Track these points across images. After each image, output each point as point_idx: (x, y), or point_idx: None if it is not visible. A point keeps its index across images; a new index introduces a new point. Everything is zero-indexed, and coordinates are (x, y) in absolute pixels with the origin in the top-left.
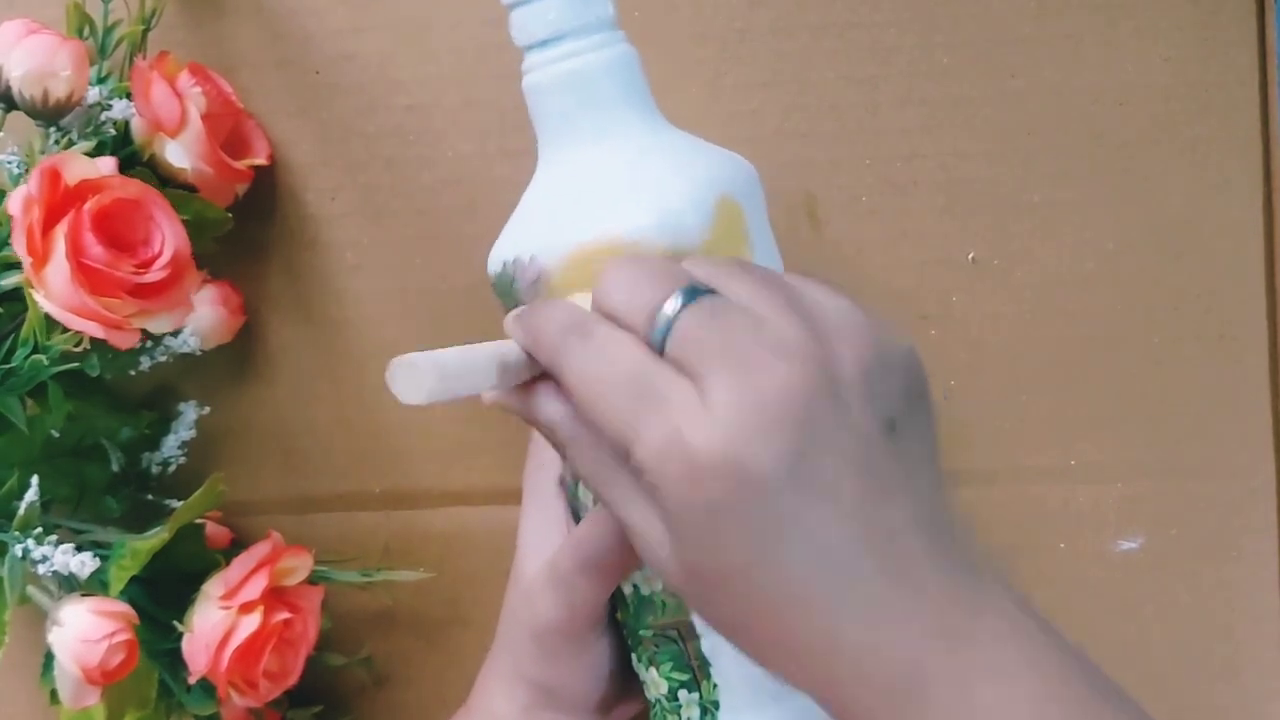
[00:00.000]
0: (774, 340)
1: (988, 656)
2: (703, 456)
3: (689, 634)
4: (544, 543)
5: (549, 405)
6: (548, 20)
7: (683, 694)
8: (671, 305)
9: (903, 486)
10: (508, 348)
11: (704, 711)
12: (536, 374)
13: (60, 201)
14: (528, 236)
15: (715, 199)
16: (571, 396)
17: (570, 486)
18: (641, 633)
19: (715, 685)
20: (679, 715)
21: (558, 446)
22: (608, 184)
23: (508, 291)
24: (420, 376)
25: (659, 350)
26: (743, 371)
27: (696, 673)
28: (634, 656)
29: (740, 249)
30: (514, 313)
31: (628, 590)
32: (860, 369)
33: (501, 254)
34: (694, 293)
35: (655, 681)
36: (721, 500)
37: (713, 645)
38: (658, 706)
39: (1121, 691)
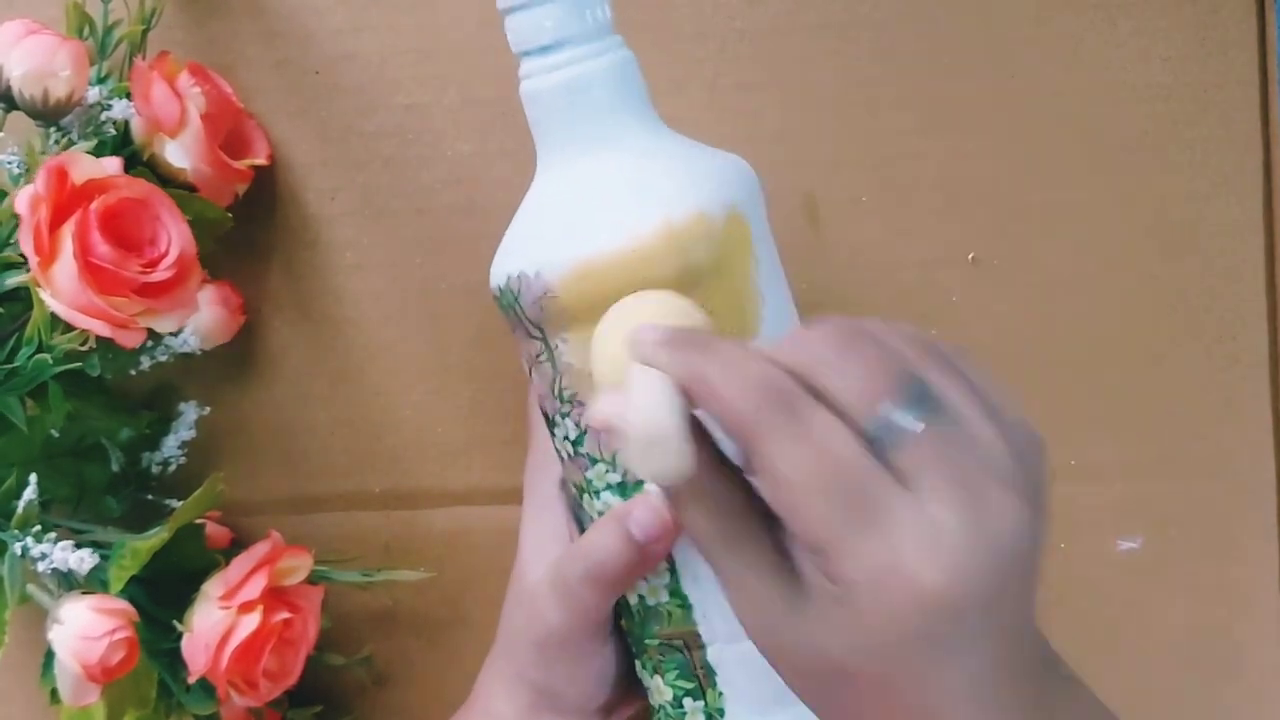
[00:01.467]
0: (995, 464)
1: None
2: (927, 588)
3: (694, 643)
4: (546, 546)
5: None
6: (544, 27)
7: (688, 702)
8: (898, 412)
9: (1033, 614)
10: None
11: (709, 719)
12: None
13: (67, 201)
14: (530, 250)
15: (722, 214)
16: (764, 479)
17: (574, 494)
18: (646, 641)
19: (720, 694)
20: None
21: (677, 501)
22: (610, 195)
23: (512, 306)
24: (671, 454)
25: (873, 448)
26: (975, 500)
27: (702, 681)
28: (638, 664)
29: (746, 264)
30: (670, 338)
31: (633, 600)
32: (1042, 499)
33: (504, 268)
34: (922, 399)
35: (660, 689)
36: (923, 629)
37: (718, 654)
38: (661, 713)
39: None
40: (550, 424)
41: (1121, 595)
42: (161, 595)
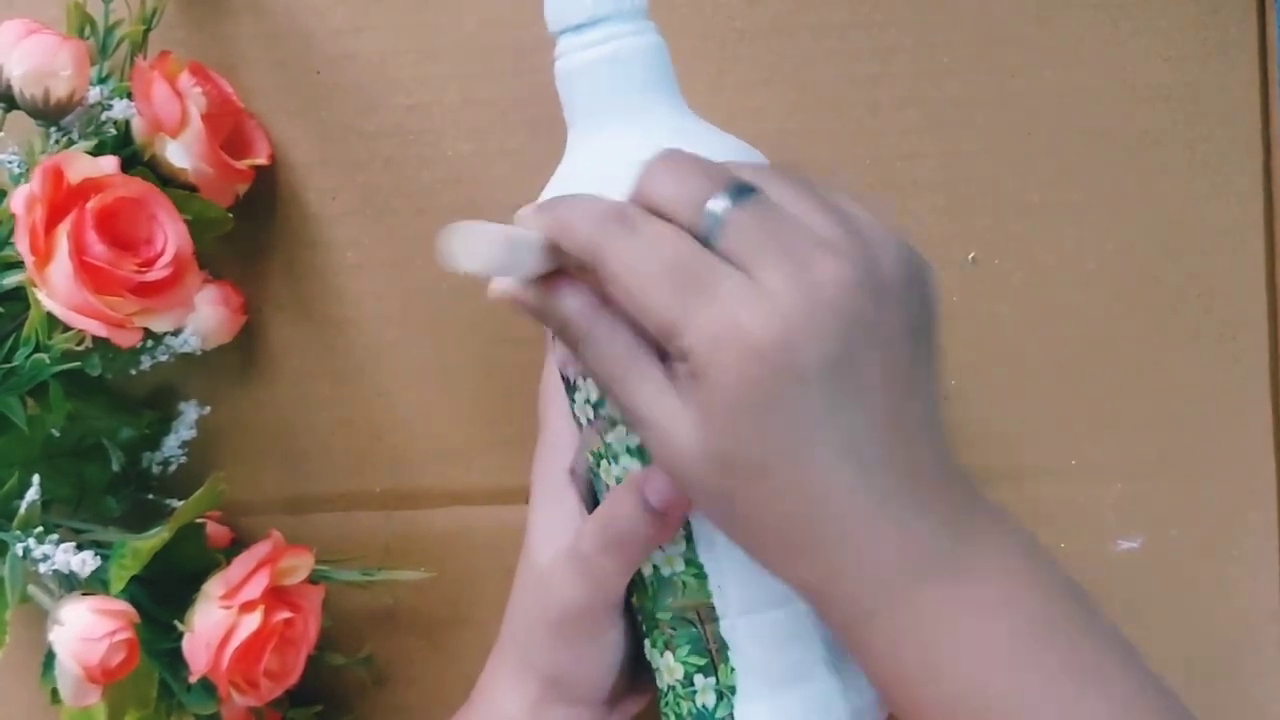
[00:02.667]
0: (823, 239)
1: (981, 556)
2: (760, 342)
3: (708, 616)
4: (557, 533)
5: (569, 298)
6: (585, 5)
7: (699, 679)
8: (719, 202)
9: (918, 393)
10: (533, 237)
11: (720, 696)
12: (551, 268)
13: (63, 200)
14: None
15: None
16: (610, 285)
17: (591, 463)
18: (659, 615)
19: (733, 670)
20: (694, 701)
21: (572, 341)
22: (638, 166)
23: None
24: (480, 243)
25: (705, 243)
26: (798, 265)
27: (714, 657)
28: (648, 642)
29: None
30: (536, 204)
31: (647, 572)
32: (895, 274)
33: None
34: (740, 191)
35: (670, 667)
36: (771, 387)
37: (731, 627)
38: (670, 694)
39: (1099, 613)
40: (571, 389)
41: (1121, 595)
42: (162, 595)
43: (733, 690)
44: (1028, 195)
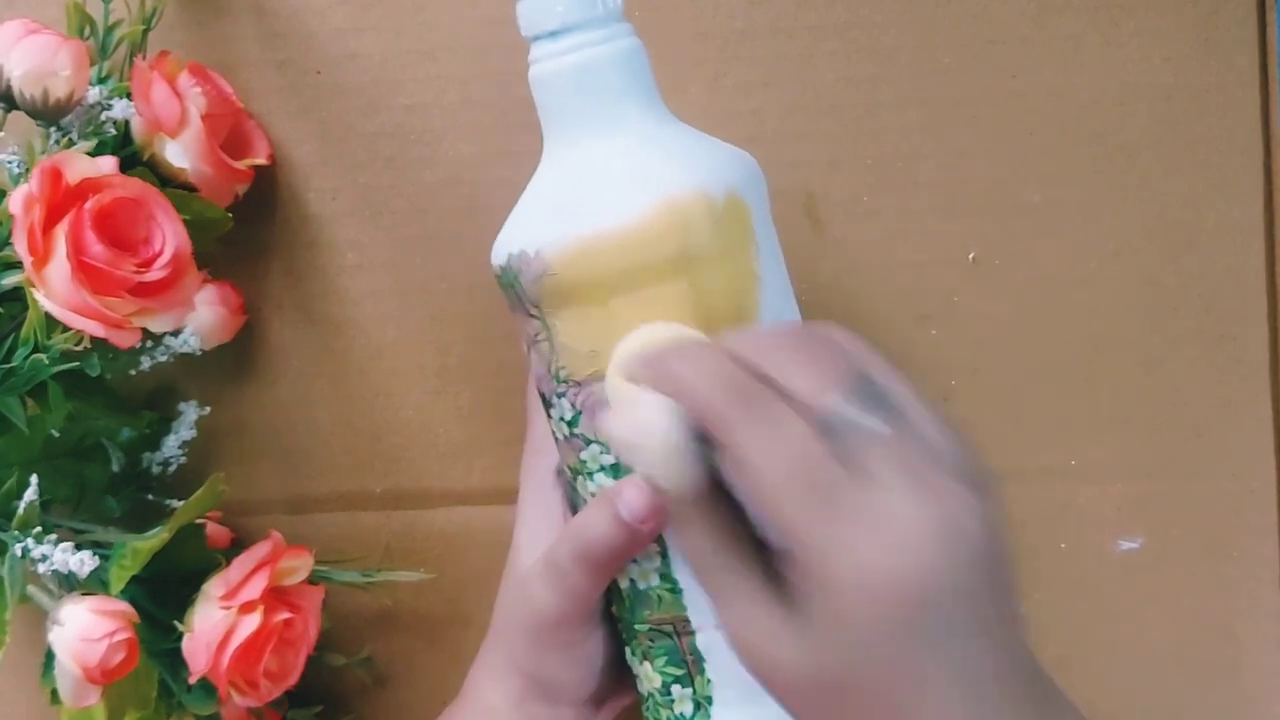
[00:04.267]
0: (948, 463)
1: None
2: (889, 573)
3: (684, 629)
4: (541, 535)
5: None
6: (556, 12)
7: (676, 689)
8: (848, 407)
9: (1016, 618)
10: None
11: (697, 706)
12: None
13: (61, 200)
14: (531, 230)
15: (723, 196)
16: (737, 471)
17: (569, 476)
18: (636, 627)
19: (709, 680)
20: (672, 710)
21: (673, 519)
22: (611, 176)
23: (512, 285)
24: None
25: (828, 441)
26: (930, 493)
27: (690, 668)
28: (628, 650)
29: (746, 248)
30: (643, 358)
31: (623, 584)
32: (995, 499)
33: (505, 247)
34: (870, 392)
35: (649, 676)
36: (896, 617)
37: (707, 641)
38: (650, 700)
39: None
40: (547, 405)
41: (1121, 595)
42: (162, 595)
43: (709, 700)
44: (1028, 195)
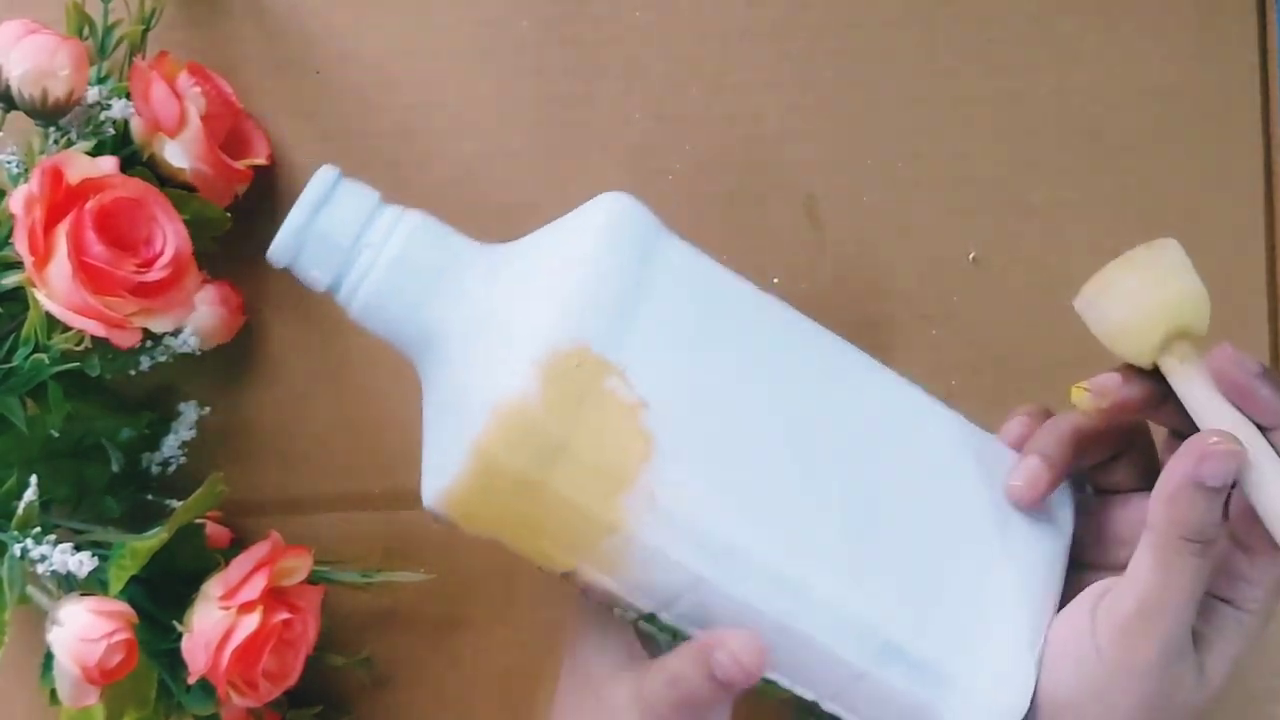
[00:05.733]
0: None
1: None
2: None
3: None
4: (610, 648)
5: None
6: (315, 277)
7: None
8: None
9: None
10: None
11: None
12: None
13: (62, 200)
14: (425, 485)
15: (540, 373)
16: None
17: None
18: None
19: None
20: None
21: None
22: (434, 429)
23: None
24: None
25: None
26: None
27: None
28: None
29: (599, 397)
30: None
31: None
32: None
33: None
34: None
35: None
36: None
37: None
38: None
39: None
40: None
41: None
42: (161, 595)
43: None
44: (1028, 195)
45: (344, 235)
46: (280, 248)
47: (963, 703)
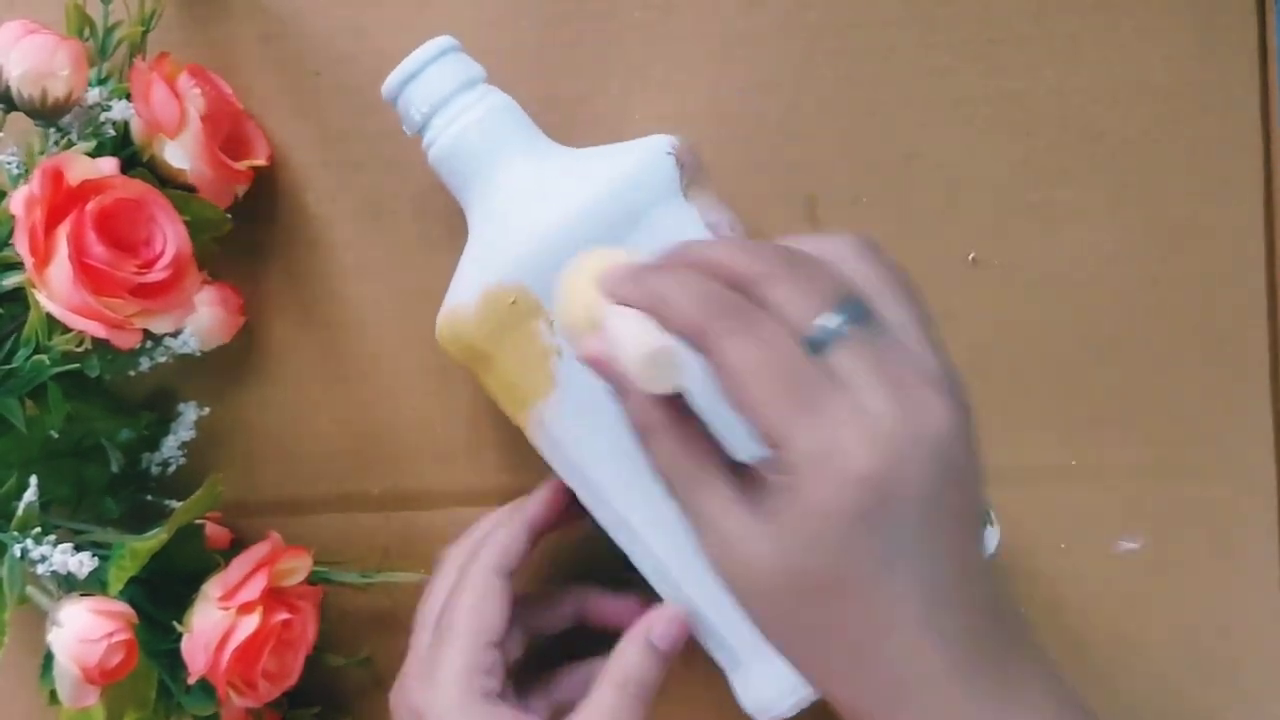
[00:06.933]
0: (928, 373)
1: (1020, 702)
2: (863, 469)
3: None
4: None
5: (631, 399)
6: (430, 94)
7: None
8: (834, 319)
9: (979, 536)
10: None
11: None
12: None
13: (63, 201)
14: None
15: (474, 301)
16: (721, 376)
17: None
18: None
19: None
20: None
21: (642, 435)
22: (542, 231)
23: None
24: (673, 361)
25: (812, 353)
26: (907, 399)
27: None
28: None
29: (525, 331)
30: (628, 272)
31: None
32: (972, 416)
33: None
34: (856, 310)
35: None
36: (865, 513)
37: None
38: None
39: None
40: None
41: (1121, 595)
42: (161, 596)
43: None
44: (1028, 195)
45: (442, 90)
46: (391, 84)
47: (743, 685)
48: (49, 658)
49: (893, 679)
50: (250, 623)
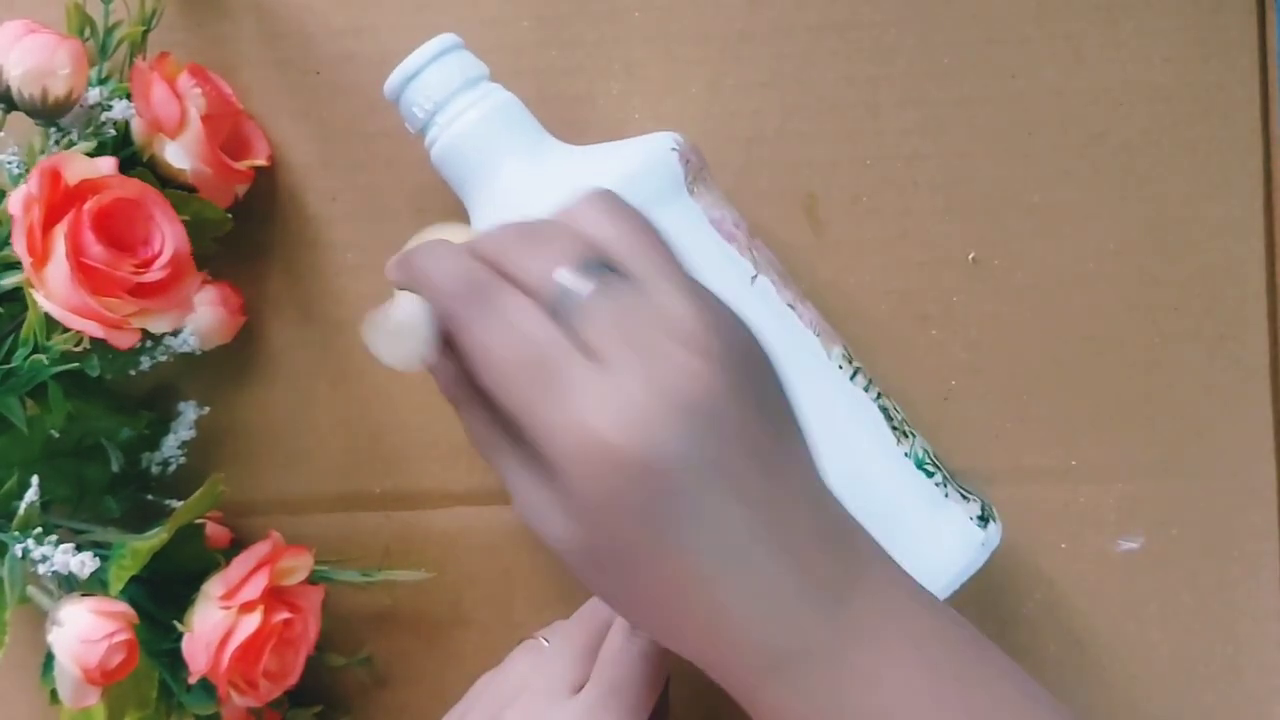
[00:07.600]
0: (677, 328)
1: (865, 624)
2: (616, 450)
3: None
4: None
5: (441, 364)
6: (433, 91)
7: None
8: (577, 281)
9: (787, 465)
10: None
11: None
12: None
13: (61, 201)
14: None
15: None
16: (470, 364)
17: None
18: None
19: None
20: None
21: (450, 401)
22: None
23: None
24: (411, 339)
25: (557, 319)
26: (653, 362)
27: None
28: None
29: None
30: (399, 258)
31: None
32: (742, 355)
33: None
34: (597, 268)
35: None
36: (627, 489)
37: None
38: None
39: (998, 658)
40: None
41: (1121, 595)
42: (161, 595)
43: None
44: (1028, 195)
45: (445, 89)
46: (393, 83)
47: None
48: (49, 658)
49: (712, 635)
50: (251, 622)
